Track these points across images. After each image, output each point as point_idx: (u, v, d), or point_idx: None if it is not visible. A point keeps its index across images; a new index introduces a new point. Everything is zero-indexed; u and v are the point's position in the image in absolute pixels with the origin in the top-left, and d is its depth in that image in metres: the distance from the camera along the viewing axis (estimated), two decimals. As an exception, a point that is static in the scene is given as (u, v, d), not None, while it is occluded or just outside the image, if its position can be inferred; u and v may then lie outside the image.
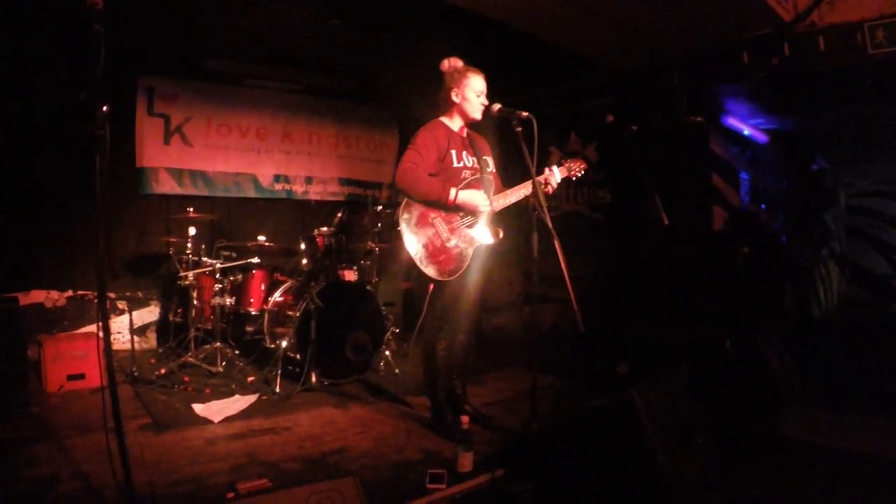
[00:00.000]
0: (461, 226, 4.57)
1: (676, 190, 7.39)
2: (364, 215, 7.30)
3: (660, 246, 7.19)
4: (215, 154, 8.44)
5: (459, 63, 4.82)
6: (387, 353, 6.83)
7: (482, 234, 4.62)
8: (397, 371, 6.66)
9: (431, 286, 4.62)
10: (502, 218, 4.80)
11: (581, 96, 8.54)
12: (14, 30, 6.41)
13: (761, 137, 9.69)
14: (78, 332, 7.22)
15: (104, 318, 3.20)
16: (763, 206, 9.99)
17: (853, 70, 6.62)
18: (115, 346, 7.17)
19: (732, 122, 8.75)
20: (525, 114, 4.32)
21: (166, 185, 8.05)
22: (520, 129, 4.33)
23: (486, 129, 5.10)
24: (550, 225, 4.16)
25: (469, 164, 4.72)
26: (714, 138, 8.20)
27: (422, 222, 4.48)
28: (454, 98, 4.74)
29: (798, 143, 10.73)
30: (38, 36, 6.62)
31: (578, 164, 4.97)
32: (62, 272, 7.40)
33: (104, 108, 3.15)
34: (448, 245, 4.50)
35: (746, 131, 9.19)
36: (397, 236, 4.46)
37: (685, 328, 6.71)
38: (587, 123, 8.51)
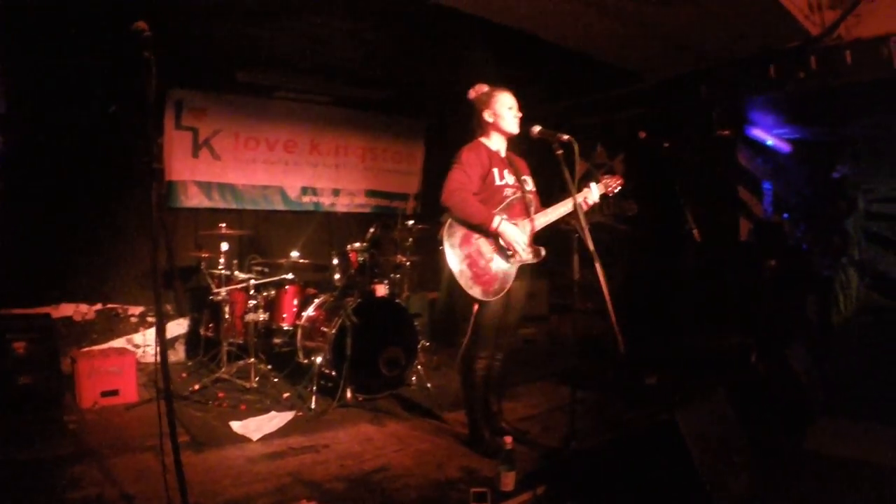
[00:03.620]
0: (503, 246, 4.58)
1: (704, 202, 7.41)
2: (394, 229, 7.32)
3: (690, 258, 7.23)
4: (243, 167, 8.45)
5: (485, 87, 4.88)
6: (418, 367, 6.83)
7: (524, 254, 4.62)
8: (429, 385, 6.64)
9: (476, 306, 4.63)
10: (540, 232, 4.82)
11: (610, 107, 8.58)
12: (51, 40, 6.47)
13: (784, 147, 9.70)
14: (110, 346, 7.23)
15: (163, 349, 3.20)
16: (785, 215, 10.00)
17: (879, 83, 6.65)
18: (144, 359, 7.26)
19: (757, 132, 8.77)
20: (566, 137, 4.35)
21: (195, 199, 8.07)
22: (560, 151, 4.36)
23: (519, 146, 5.13)
24: (592, 248, 4.19)
25: (510, 183, 4.74)
26: (740, 149, 8.23)
27: (465, 243, 4.48)
28: (487, 118, 4.78)
29: (820, 152, 10.74)
30: (74, 48, 6.67)
31: (615, 180, 5.03)
32: (91, 286, 7.41)
33: (159, 142, 3.20)
34: (492, 265, 4.51)
35: (770, 141, 9.20)
36: (440, 255, 4.47)
37: (712, 340, 6.73)
38: (614, 135, 8.54)
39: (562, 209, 4.70)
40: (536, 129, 4.54)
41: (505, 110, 4.76)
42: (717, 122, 7.62)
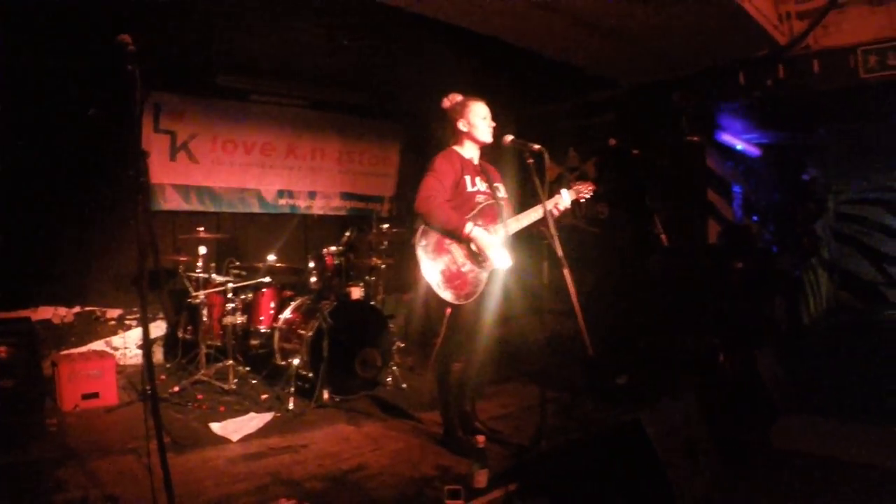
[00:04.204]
0: (476, 251, 4.71)
1: (674, 206, 7.56)
2: (369, 232, 7.42)
3: (659, 261, 7.37)
4: (221, 170, 8.51)
5: (459, 96, 5.00)
6: (394, 367, 6.95)
7: (496, 259, 4.75)
8: (404, 385, 6.79)
9: (448, 310, 4.76)
10: (513, 237, 4.94)
11: (583, 113, 8.72)
12: (30, 43, 6.49)
13: (754, 151, 9.88)
14: (90, 349, 7.26)
15: (148, 353, 3.29)
16: (755, 217, 10.18)
17: (845, 91, 6.83)
18: (122, 361, 7.32)
19: (726, 137, 8.94)
20: (537, 147, 4.48)
21: (173, 202, 8.12)
22: (531, 160, 4.49)
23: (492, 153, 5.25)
24: (561, 254, 4.33)
25: (482, 190, 4.87)
26: (709, 154, 8.39)
27: (438, 248, 4.60)
28: (462, 127, 4.90)
29: (789, 156, 10.94)
30: (54, 51, 6.70)
31: (587, 186, 5.17)
32: (70, 288, 7.45)
33: (147, 156, 3.26)
34: (463, 270, 4.63)
35: (739, 146, 9.38)
36: (413, 260, 4.59)
37: (681, 341, 6.87)
38: (587, 140, 8.68)
39: (533, 215, 4.83)
40: (508, 138, 4.69)
41: (479, 120, 4.89)
42: (687, 128, 7.78)
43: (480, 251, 4.67)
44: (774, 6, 6.72)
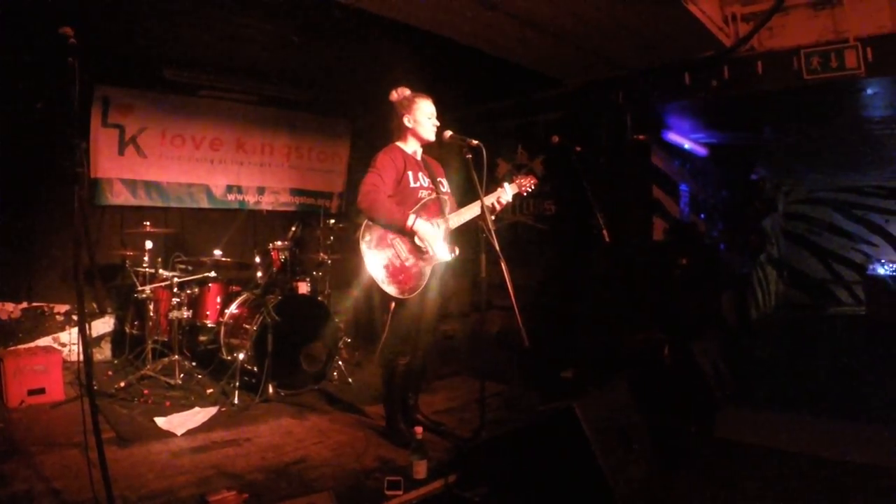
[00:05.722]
0: (419, 245, 4.78)
1: (619, 202, 7.66)
2: (316, 228, 7.48)
3: (603, 258, 7.47)
4: (169, 165, 8.47)
5: (407, 91, 5.09)
6: (340, 362, 7.02)
7: (439, 252, 4.84)
8: (350, 380, 6.86)
9: (393, 305, 4.83)
10: (455, 231, 5.04)
11: (531, 110, 8.80)
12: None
13: (701, 151, 10.03)
14: (37, 345, 7.23)
15: (86, 347, 3.32)
16: (702, 215, 10.34)
17: (789, 93, 6.97)
18: (70, 357, 7.26)
19: (673, 136, 9.06)
20: (475, 142, 4.60)
21: (121, 196, 8.07)
22: (470, 156, 4.59)
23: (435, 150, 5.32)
24: (497, 248, 4.42)
25: (425, 185, 4.98)
26: (655, 152, 8.52)
27: (381, 243, 4.70)
28: (407, 123, 4.99)
29: (737, 155, 11.12)
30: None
31: (529, 179, 5.27)
32: (17, 284, 7.38)
33: (83, 146, 3.28)
34: (407, 264, 4.73)
35: (687, 145, 9.51)
36: (357, 256, 4.65)
37: (626, 336, 6.98)
38: (534, 137, 8.76)
39: (475, 209, 4.91)
40: (448, 133, 4.79)
41: (424, 119, 4.99)
42: (632, 127, 7.89)
43: (424, 243, 4.76)
44: (720, 8, 6.83)
